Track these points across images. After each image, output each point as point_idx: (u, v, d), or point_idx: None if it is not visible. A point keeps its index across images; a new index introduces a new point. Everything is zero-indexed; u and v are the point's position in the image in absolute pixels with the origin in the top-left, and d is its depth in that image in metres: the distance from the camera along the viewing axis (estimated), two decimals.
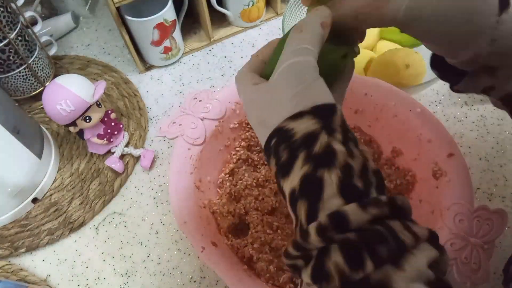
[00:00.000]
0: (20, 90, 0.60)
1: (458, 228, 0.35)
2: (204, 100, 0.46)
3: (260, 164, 0.49)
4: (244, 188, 0.47)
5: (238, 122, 0.49)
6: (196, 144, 0.44)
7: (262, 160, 0.49)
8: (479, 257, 0.34)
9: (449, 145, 0.40)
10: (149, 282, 0.47)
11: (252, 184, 0.47)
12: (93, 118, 0.51)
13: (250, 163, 0.49)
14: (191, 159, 0.44)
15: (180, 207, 0.40)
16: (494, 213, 0.35)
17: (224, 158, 0.50)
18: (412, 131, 0.43)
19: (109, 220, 0.52)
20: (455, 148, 0.40)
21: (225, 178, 0.48)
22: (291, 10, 0.58)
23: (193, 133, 0.44)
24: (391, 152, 0.47)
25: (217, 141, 0.48)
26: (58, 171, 0.56)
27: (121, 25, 0.59)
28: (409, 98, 0.44)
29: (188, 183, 0.43)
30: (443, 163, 0.40)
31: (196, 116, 0.45)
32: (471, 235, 0.35)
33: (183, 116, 0.45)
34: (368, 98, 0.46)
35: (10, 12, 0.53)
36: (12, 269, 0.48)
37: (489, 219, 0.35)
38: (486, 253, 0.34)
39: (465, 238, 0.35)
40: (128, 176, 0.55)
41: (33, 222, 0.52)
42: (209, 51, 0.68)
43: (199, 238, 0.38)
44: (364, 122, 0.48)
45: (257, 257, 0.41)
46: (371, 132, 0.49)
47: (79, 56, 0.69)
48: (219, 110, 0.46)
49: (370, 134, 0.49)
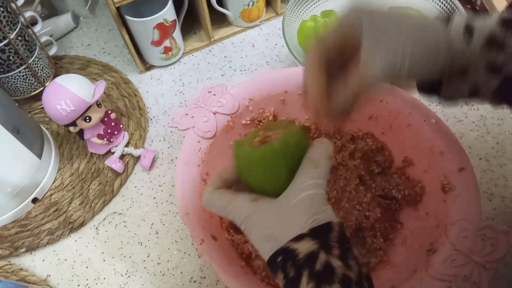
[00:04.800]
0: (20, 90, 0.60)
1: (462, 244, 0.35)
2: (218, 94, 0.46)
3: None
4: None
5: (250, 119, 0.49)
6: (207, 137, 0.44)
7: None
8: (479, 276, 0.33)
9: (461, 159, 0.40)
10: (149, 282, 0.47)
11: None
12: (93, 118, 0.51)
13: None
14: (200, 151, 0.44)
15: (184, 198, 0.40)
16: (500, 233, 0.34)
17: None
18: (425, 142, 0.43)
19: (109, 220, 0.52)
20: (467, 162, 0.39)
21: None
22: (291, 10, 0.58)
23: (204, 126, 0.44)
24: (402, 161, 0.46)
25: (228, 136, 0.47)
26: (58, 171, 0.56)
27: (121, 25, 0.59)
28: (425, 108, 0.43)
29: (194, 175, 0.43)
30: (453, 177, 0.40)
31: (208, 109, 0.45)
32: (474, 253, 0.34)
33: (196, 108, 0.45)
34: (383, 105, 0.46)
35: (10, 12, 0.53)
36: (12, 269, 0.48)
37: (494, 238, 0.34)
38: (487, 273, 0.33)
39: (468, 256, 0.34)
40: (128, 176, 0.55)
41: (33, 222, 0.52)
42: (209, 51, 0.68)
43: (199, 230, 0.38)
44: (378, 128, 0.48)
45: (256, 254, 0.41)
46: (384, 139, 0.48)
47: (79, 56, 0.69)
48: (232, 105, 0.46)
49: (382, 141, 0.48)
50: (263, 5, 0.68)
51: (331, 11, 0.56)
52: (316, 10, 0.61)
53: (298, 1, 0.59)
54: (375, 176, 0.47)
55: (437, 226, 0.39)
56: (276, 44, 0.68)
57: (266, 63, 0.66)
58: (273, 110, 0.50)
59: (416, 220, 0.43)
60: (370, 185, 0.47)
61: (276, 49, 0.67)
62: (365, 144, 0.48)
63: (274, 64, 0.65)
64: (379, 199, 0.46)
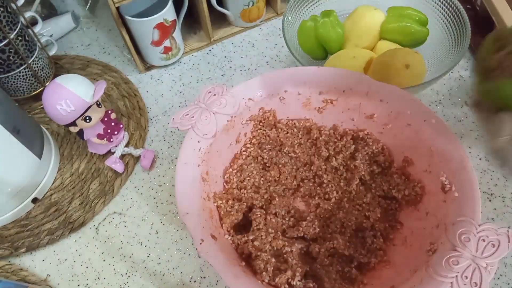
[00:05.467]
0: (20, 90, 0.60)
1: (461, 244, 0.35)
2: (218, 94, 0.46)
3: (270, 163, 0.49)
4: (251, 186, 0.47)
5: (250, 119, 0.49)
6: (207, 137, 0.44)
7: (272, 159, 0.49)
8: (480, 276, 0.33)
9: (460, 160, 0.39)
10: (149, 282, 0.47)
11: (260, 182, 0.47)
12: (93, 118, 0.51)
13: (259, 161, 0.49)
14: (200, 151, 0.44)
15: (184, 198, 0.40)
16: (500, 233, 0.34)
17: (233, 154, 0.50)
18: (425, 142, 0.43)
19: (109, 220, 0.52)
20: (466, 163, 0.39)
21: (233, 173, 0.48)
22: (291, 10, 0.58)
23: (204, 126, 0.44)
24: (402, 161, 0.46)
25: (228, 136, 0.47)
26: (58, 171, 0.56)
27: (121, 25, 0.59)
28: (425, 108, 0.43)
29: (194, 175, 0.43)
30: (453, 177, 0.40)
31: (208, 109, 0.45)
32: (474, 253, 0.34)
33: (196, 108, 0.45)
34: (383, 105, 0.46)
35: (10, 12, 0.53)
36: (12, 269, 0.48)
37: (494, 238, 0.34)
38: (487, 273, 0.33)
39: (468, 256, 0.34)
40: (128, 176, 0.55)
41: (33, 222, 0.52)
42: (209, 51, 0.68)
43: (199, 230, 0.38)
44: (378, 128, 0.48)
45: (256, 254, 0.41)
46: (384, 139, 0.48)
47: (79, 56, 0.69)
48: (232, 105, 0.46)
49: (382, 141, 0.48)
50: (263, 5, 0.68)
51: (331, 11, 0.56)
52: (316, 10, 0.61)
53: (298, 1, 0.59)
54: (375, 176, 0.47)
55: (437, 226, 0.39)
56: (276, 44, 0.68)
57: (266, 63, 0.66)
58: (273, 110, 0.50)
59: (416, 220, 0.43)
60: (370, 185, 0.47)
61: (276, 49, 0.67)
62: (365, 144, 0.48)
63: (274, 64, 0.65)
64: (379, 199, 0.46)
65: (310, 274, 0.41)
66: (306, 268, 0.41)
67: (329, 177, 0.48)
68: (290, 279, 0.39)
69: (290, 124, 0.51)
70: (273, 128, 0.50)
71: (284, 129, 0.50)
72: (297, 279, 0.39)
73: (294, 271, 0.39)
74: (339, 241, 0.42)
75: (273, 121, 0.50)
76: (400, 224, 0.45)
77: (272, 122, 0.50)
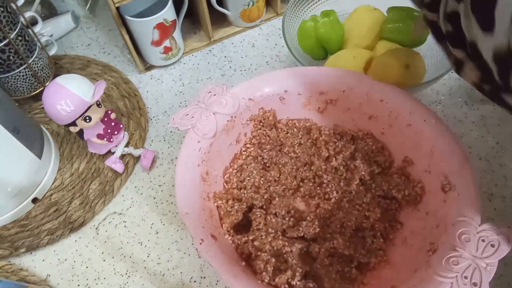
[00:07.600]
0: (20, 90, 0.60)
1: (461, 244, 0.35)
2: (218, 94, 0.46)
3: (270, 163, 0.49)
4: (251, 186, 0.47)
5: (250, 119, 0.49)
6: (207, 137, 0.44)
7: (272, 159, 0.49)
8: (480, 276, 0.33)
9: (461, 160, 0.39)
10: (149, 282, 0.47)
11: (260, 182, 0.47)
12: (93, 118, 0.51)
13: (259, 161, 0.49)
14: (200, 151, 0.44)
15: (184, 198, 0.40)
16: (500, 233, 0.34)
17: (233, 154, 0.50)
18: (425, 142, 0.43)
19: (109, 220, 0.52)
20: (466, 163, 0.39)
21: (233, 173, 0.48)
22: (291, 10, 0.58)
23: (204, 126, 0.44)
24: (403, 161, 0.46)
25: (228, 136, 0.48)
26: (58, 171, 0.56)
27: (121, 25, 0.59)
28: (425, 108, 0.43)
29: (194, 175, 0.43)
30: (453, 177, 0.40)
31: (208, 109, 0.45)
32: (474, 253, 0.34)
33: (196, 108, 0.45)
34: (383, 105, 0.46)
35: (10, 12, 0.53)
36: (12, 269, 0.48)
37: (494, 238, 0.34)
38: (487, 273, 0.33)
39: (467, 256, 0.34)
40: (128, 176, 0.55)
41: (33, 222, 0.52)
42: (209, 51, 0.68)
43: (199, 230, 0.38)
44: (378, 129, 0.48)
45: (256, 254, 0.41)
46: (384, 139, 0.48)
47: (79, 56, 0.69)
48: (232, 105, 0.46)
49: (382, 141, 0.48)
50: (263, 5, 0.68)
51: (331, 11, 0.56)
52: (316, 10, 0.61)
53: (298, 1, 0.59)
54: (375, 176, 0.47)
55: (437, 226, 0.39)
56: (276, 44, 0.68)
57: (266, 63, 0.66)
58: (273, 110, 0.50)
59: (416, 220, 0.43)
60: (370, 185, 0.47)
61: (276, 49, 0.67)
62: (365, 144, 0.49)
63: (274, 64, 0.65)
64: (379, 199, 0.46)
65: (310, 274, 0.41)
66: (306, 268, 0.41)
67: (329, 177, 0.48)
68: (290, 279, 0.39)
69: (290, 124, 0.51)
70: (273, 128, 0.51)
71: (284, 129, 0.50)
72: (297, 279, 0.39)
73: (294, 271, 0.39)
74: (339, 241, 0.42)
75: (273, 121, 0.50)
76: (400, 224, 0.45)
77: (272, 122, 0.50)
